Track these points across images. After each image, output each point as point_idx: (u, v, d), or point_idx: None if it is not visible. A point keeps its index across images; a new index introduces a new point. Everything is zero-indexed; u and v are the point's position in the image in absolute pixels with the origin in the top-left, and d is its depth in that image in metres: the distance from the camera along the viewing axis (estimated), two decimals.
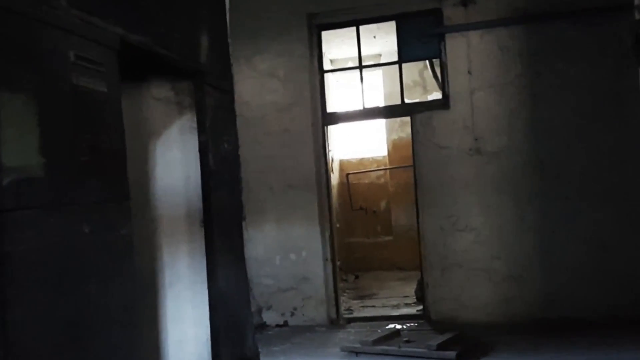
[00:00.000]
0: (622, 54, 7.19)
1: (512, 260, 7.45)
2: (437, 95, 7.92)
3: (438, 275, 7.59)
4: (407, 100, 8.03)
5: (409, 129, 12.45)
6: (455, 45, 7.54)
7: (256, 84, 7.86)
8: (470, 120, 7.50)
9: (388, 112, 8.43)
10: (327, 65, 8.30)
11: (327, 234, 7.90)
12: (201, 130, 4.48)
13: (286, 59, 7.81)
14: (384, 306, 9.05)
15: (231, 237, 4.92)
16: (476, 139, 7.50)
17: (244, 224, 5.85)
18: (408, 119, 12.42)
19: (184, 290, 4.53)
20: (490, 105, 7.48)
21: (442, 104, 7.62)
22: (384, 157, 12.56)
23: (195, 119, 4.50)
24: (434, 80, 8.85)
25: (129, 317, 3.27)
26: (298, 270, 7.83)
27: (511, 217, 7.45)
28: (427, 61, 8.91)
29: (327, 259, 7.85)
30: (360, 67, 7.96)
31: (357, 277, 11.74)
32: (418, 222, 7.81)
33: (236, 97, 5.35)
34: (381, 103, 10.95)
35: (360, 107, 7.99)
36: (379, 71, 11.88)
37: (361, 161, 12.77)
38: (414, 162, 7.79)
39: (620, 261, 7.23)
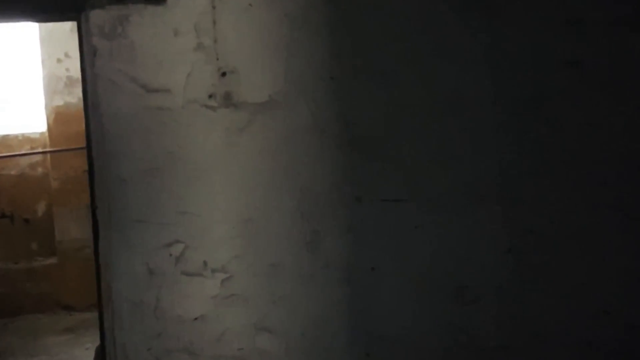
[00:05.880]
0: None
1: (295, 334, 3.63)
2: None
3: None
4: None
5: (80, 91, 9.05)
6: None
7: None
8: (210, 33, 3.50)
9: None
10: None
11: None
12: None
13: None
14: None
15: None
16: (224, 74, 3.50)
17: None
18: (79, 74, 8.89)
19: None
20: (251, 5, 3.57)
21: None
22: (42, 134, 8.85)
23: None
24: None
25: None
26: None
27: (294, 241, 3.62)
28: None
29: None
30: None
31: None
32: (97, 257, 3.60)
33: None
34: None
35: None
36: None
37: (5, 140, 8.87)
38: (88, 126, 3.57)
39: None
